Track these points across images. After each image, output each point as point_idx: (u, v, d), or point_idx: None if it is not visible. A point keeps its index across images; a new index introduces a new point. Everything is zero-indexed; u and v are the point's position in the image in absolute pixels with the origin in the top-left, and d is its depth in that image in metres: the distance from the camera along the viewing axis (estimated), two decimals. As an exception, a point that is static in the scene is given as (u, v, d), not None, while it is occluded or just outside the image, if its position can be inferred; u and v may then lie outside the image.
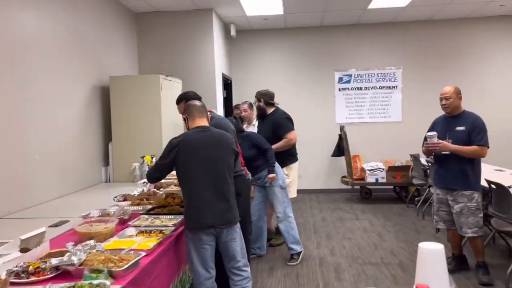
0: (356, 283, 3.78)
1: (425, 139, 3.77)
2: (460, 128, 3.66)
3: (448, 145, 3.59)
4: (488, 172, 4.68)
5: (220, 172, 2.70)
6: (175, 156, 2.65)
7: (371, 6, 6.37)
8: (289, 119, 4.69)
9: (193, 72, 6.11)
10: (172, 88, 5.25)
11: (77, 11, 4.41)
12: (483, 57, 7.54)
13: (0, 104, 3.21)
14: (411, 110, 7.65)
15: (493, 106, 7.19)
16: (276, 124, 4.57)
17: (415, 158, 6.41)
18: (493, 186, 3.78)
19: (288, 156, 4.64)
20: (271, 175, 4.17)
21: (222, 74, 6.76)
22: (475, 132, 3.58)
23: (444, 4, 6.47)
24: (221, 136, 2.85)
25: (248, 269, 2.84)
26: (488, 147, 3.60)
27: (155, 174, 2.80)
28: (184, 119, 2.93)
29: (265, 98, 4.75)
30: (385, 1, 6.15)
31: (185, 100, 3.49)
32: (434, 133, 3.64)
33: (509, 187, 3.62)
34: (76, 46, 4.37)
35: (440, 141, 3.60)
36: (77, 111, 4.39)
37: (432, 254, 1.33)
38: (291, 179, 4.70)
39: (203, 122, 2.86)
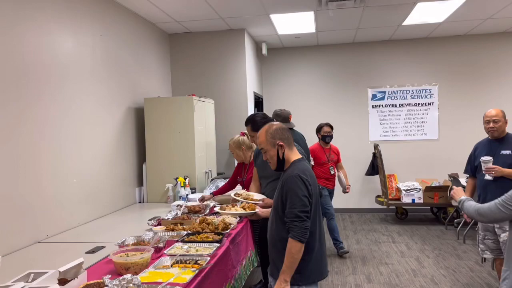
0: (395, 314, 3.62)
1: (470, 159, 3.78)
2: (506, 152, 3.50)
3: (503, 170, 3.44)
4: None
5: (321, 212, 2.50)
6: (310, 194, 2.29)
7: (406, 22, 6.24)
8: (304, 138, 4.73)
9: (225, 92, 6.13)
10: (205, 108, 5.28)
11: (113, 35, 4.51)
12: (524, 72, 7.24)
13: (40, 129, 3.29)
14: (448, 127, 7.40)
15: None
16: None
17: (454, 178, 6.16)
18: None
19: None
20: None
21: (254, 92, 6.76)
22: None
23: (482, 19, 6.26)
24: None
25: None
26: None
27: (309, 224, 2.26)
28: (280, 146, 2.40)
29: (279, 120, 4.53)
30: (421, 17, 6.00)
31: (252, 122, 3.46)
32: (490, 158, 3.50)
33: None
34: (112, 69, 4.46)
35: (495, 166, 3.45)
36: (113, 133, 4.46)
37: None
38: None
39: (298, 153, 2.49)
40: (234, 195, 3.19)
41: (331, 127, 5.44)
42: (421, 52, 7.48)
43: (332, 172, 5.35)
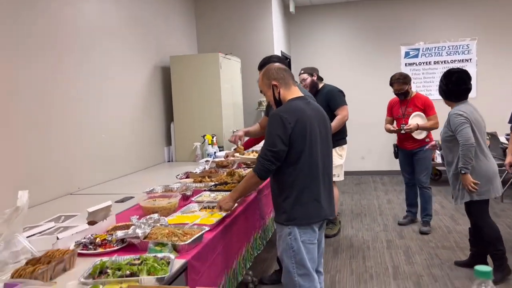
0: (429, 267, 3.53)
1: None
2: None
3: None
4: None
5: (329, 153, 2.34)
6: (290, 135, 2.12)
7: (443, -29, 5.85)
8: (342, 93, 4.39)
9: (251, 51, 5.98)
10: (231, 67, 5.19)
11: (138, -9, 4.43)
12: None
13: (69, 87, 3.30)
14: (487, 85, 7.01)
15: None
16: (330, 96, 4.25)
17: (493, 136, 5.88)
18: None
19: (342, 135, 4.39)
20: None
21: (281, 52, 6.59)
22: None
23: (528, -36, 5.80)
24: (323, 110, 2.38)
25: None
26: None
27: (273, 166, 2.15)
28: (274, 86, 2.29)
29: (316, 72, 4.45)
30: (459, -36, 5.61)
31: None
32: None
33: None
34: (137, 28, 4.40)
35: None
36: (140, 92, 4.45)
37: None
38: (344, 160, 4.44)
39: (298, 91, 2.33)
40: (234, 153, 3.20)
41: (406, 82, 4.50)
42: (458, 4, 7.03)
43: (403, 131, 4.47)
